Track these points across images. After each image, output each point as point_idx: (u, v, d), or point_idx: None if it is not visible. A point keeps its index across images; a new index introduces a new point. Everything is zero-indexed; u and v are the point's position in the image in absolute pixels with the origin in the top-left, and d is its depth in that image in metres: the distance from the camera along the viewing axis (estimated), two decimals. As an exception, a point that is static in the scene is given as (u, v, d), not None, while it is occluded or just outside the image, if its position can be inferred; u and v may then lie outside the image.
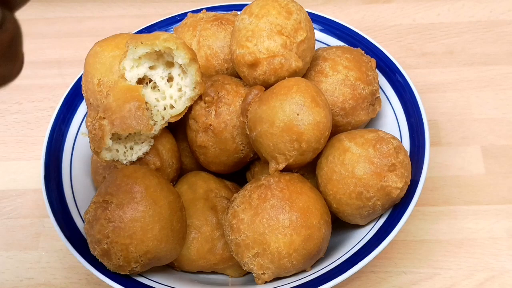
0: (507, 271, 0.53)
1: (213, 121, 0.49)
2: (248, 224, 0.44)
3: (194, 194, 0.50)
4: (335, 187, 0.46)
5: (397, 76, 0.56)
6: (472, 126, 0.64)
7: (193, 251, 0.48)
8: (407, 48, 0.72)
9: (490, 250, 0.54)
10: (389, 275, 0.54)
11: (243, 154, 0.51)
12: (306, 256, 0.44)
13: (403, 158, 0.46)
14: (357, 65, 0.52)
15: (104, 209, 0.43)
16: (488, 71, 0.69)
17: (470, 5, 0.76)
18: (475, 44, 0.72)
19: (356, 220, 0.48)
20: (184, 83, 0.48)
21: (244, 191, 0.47)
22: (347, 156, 0.46)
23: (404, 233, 0.56)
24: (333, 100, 0.51)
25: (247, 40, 0.47)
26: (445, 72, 0.69)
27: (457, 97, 0.67)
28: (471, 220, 0.57)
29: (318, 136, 0.44)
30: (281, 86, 0.46)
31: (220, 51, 0.54)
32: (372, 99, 0.53)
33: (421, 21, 0.76)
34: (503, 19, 0.74)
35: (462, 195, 0.58)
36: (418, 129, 0.52)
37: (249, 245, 0.44)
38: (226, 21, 0.56)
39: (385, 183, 0.45)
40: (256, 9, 0.48)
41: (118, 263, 0.44)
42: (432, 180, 0.59)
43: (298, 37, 0.47)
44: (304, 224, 0.44)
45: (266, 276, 0.45)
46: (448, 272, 0.53)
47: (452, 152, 0.62)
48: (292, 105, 0.44)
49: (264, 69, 0.47)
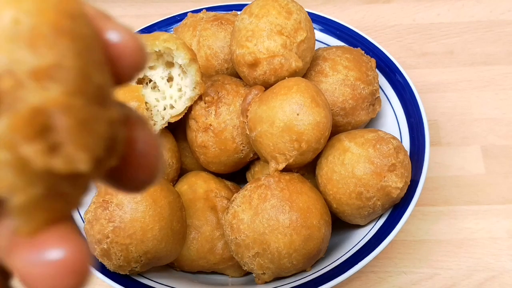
0: (507, 271, 0.53)
1: (213, 121, 0.49)
2: (248, 224, 0.44)
3: (194, 194, 0.50)
4: (335, 187, 0.46)
5: (397, 76, 0.56)
6: (472, 126, 0.64)
7: (193, 251, 0.48)
8: (407, 48, 0.72)
9: (490, 250, 0.54)
10: (389, 275, 0.54)
11: (243, 154, 0.51)
12: (306, 256, 0.44)
13: (403, 158, 0.46)
14: (357, 65, 0.52)
15: (104, 209, 0.43)
16: (488, 71, 0.69)
17: (470, 5, 0.76)
18: (475, 44, 0.72)
19: (356, 220, 0.48)
20: (184, 83, 0.48)
21: (244, 191, 0.47)
22: (347, 156, 0.46)
23: (404, 233, 0.56)
24: (333, 100, 0.51)
25: (247, 40, 0.47)
26: (445, 72, 0.69)
27: (457, 97, 0.67)
28: (471, 220, 0.57)
29: (318, 136, 0.44)
30: (281, 86, 0.46)
31: (220, 51, 0.54)
32: (372, 99, 0.53)
33: (421, 21, 0.76)
34: (503, 19, 0.74)
35: (462, 195, 0.58)
36: (418, 129, 0.52)
37: (249, 245, 0.44)
38: (226, 21, 0.55)
39: (385, 183, 0.45)
40: (256, 9, 0.48)
41: (118, 263, 0.44)
42: (432, 180, 0.59)
43: (298, 37, 0.47)
44: (304, 224, 0.44)
45: (266, 276, 0.45)
46: (448, 272, 0.53)
47: (452, 152, 0.62)
48: (292, 105, 0.44)
49: (264, 69, 0.47)
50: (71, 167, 0.14)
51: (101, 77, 0.15)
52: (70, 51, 0.14)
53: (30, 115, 0.13)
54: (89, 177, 0.15)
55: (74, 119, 0.14)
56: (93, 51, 0.15)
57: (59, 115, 0.13)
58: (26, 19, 0.13)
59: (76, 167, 0.14)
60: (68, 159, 0.14)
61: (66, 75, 0.14)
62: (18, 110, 0.13)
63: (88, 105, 0.14)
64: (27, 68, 0.13)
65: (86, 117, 0.14)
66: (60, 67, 0.13)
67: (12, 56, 0.13)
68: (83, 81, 0.14)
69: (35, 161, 0.13)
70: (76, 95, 0.14)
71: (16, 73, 0.13)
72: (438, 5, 0.77)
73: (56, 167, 0.14)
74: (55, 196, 0.14)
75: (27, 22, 0.13)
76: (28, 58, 0.13)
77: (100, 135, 0.14)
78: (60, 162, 0.14)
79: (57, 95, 0.13)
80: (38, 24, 0.13)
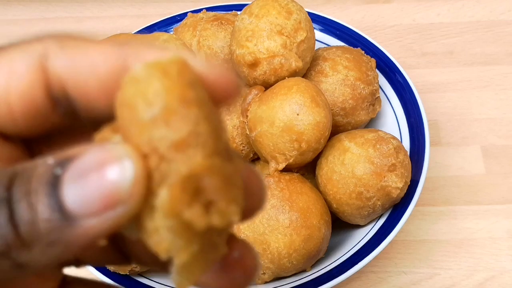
0: (507, 271, 0.53)
1: (213, 121, 0.49)
2: (248, 224, 0.44)
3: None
4: (335, 187, 0.46)
5: (397, 76, 0.56)
6: (472, 126, 0.64)
7: (193, 251, 0.48)
8: (407, 48, 0.72)
9: (490, 250, 0.54)
10: (389, 275, 0.54)
11: (243, 154, 0.51)
12: (306, 256, 0.44)
13: (403, 158, 0.46)
14: (357, 65, 0.52)
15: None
16: (488, 71, 0.69)
17: (470, 5, 0.76)
18: (475, 44, 0.72)
19: (356, 220, 0.48)
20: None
21: (244, 191, 0.47)
22: (347, 156, 0.46)
23: (404, 233, 0.56)
24: (333, 100, 0.51)
25: (247, 40, 0.47)
26: (445, 72, 0.69)
27: (457, 97, 0.67)
28: (471, 220, 0.57)
29: (318, 136, 0.44)
30: (281, 86, 0.46)
31: (220, 51, 0.54)
32: (372, 99, 0.52)
33: (421, 21, 0.76)
34: (503, 19, 0.74)
35: (462, 195, 0.58)
36: (418, 129, 0.52)
37: (249, 245, 0.44)
38: (226, 21, 0.55)
39: (385, 183, 0.45)
40: (256, 9, 0.48)
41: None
42: (432, 180, 0.59)
43: (298, 37, 0.47)
44: (304, 224, 0.44)
45: (266, 276, 0.45)
46: (448, 272, 0.53)
47: (452, 152, 0.62)
48: (292, 105, 0.44)
49: (264, 69, 0.47)
50: (227, 220, 0.15)
51: (225, 132, 0.16)
52: (199, 117, 0.15)
53: (184, 183, 0.14)
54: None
55: (219, 177, 0.15)
56: (212, 110, 0.16)
57: (207, 177, 0.15)
58: (157, 101, 0.15)
59: (231, 219, 0.15)
60: (222, 214, 0.15)
61: (202, 140, 0.15)
62: (173, 181, 0.14)
63: (224, 161, 0.15)
64: (169, 143, 0.15)
65: (227, 173, 0.15)
66: (196, 134, 0.15)
67: (152, 136, 0.15)
68: (216, 141, 0.15)
69: (197, 223, 0.15)
70: (214, 156, 0.15)
71: (159, 150, 0.15)
72: (438, 5, 0.77)
73: (215, 224, 0.15)
74: (208, 248, 0.16)
75: (158, 104, 0.15)
76: (167, 135, 0.15)
77: (239, 186, 0.16)
78: (217, 218, 0.15)
79: (201, 160, 0.15)
80: (169, 103, 0.15)
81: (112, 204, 0.14)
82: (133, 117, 0.15)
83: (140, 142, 0.15)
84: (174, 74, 0.15)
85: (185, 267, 0.15)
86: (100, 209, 0.14)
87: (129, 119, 0.15)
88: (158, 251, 0.15)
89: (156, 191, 0.15)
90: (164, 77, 0.15)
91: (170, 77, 0.15)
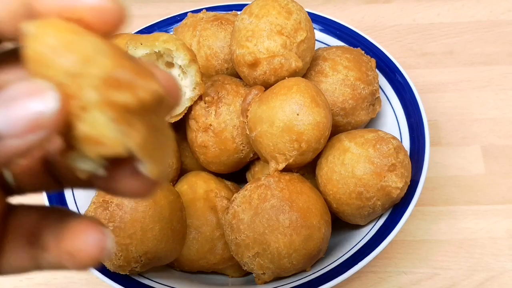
0: (507, 271, 0.53)
1: (213, 121, 0.49)
2: (248, 224, 0.44)
3: (194, 194, 0.50)
4: (335, 187, 0.46)
5: (397, 76, 0.56)
6: (472, 126, 0.64)
7: (193, 251, 0.48)
8: (407, 48, 0.72)
9: (490, 250, 0.54)
10: (389, 275, 0.54)
11: (243, 154, 0.51)
12: (306, 256, 0.44)
13: (403, 158, 0.46)
14: (357, 65, 0.52)
15: (104, 209, 0.43)
16: (488, 71, 0.69)
17: (470, 5, 0.76)
18: (475, 44, 0.72)
19: (356, 220, 0.48)
20: (184, 84, 0.48)
21: (244, 191, 0.47)
22: (347, 156, 0.46)
23: (404, 233, 0.56)
24: (333, 100, 0.51)
25: (247, 40, 0.47)
26: (445, 72, 0.69)
27: (457, 97, 0.67)
28: (471, 220, 0.57)
29: (318, 136, 0.44)
30: (281, 86, 0.46)
31: (220, 51, 0.54)
32: (372, 99, 0.53)
33: (421, 21, 0.76)
34: (503, 19, 0.74)
35: (462, 195, 0.58)
36: (418, 129, 0.52)
37: (249, 245, 0.44)
38: (226, 21, 0.55)
39: (385, 183, 0.45)
40: (256, 9, 0.48)
41: (118, 263, 0.44)
42: (432, 180, 0.59)
43: (298, 37, 0.47)
44: (304, 224, 0.44)
45: (266, 276, 0.45)
46: (448, 272, 0.53)
47: (452, 152, 0.62)
48: (292, 105, 0.44)
49: (264, 69, 0.47)
50: (152, 91, 0.18)
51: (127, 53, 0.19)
52: (97, 41, 0.18)
53: (105, 80, 0.17)
54: (165, 104, 0.19)
55: (131, 69, 0.18)
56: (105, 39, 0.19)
57: (121, 71, 0.18)
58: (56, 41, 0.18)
59: (155, 89, 0.18)
60: (145, 89, 0.18)
61: (106, 53, 0.18)
62: (94, 83, 0.17)
63: (131, 60, 0.19)
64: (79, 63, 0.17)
65: (137, 65, 0.19)
66: (99, 50, 0.18)
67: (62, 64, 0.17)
68: (119, 51, 0.18)
69: (130, 101, 0.17)
70: (121, 59, 0.18)
71: (71, 71, 0.17)
72: (438, 5, 0.77)
73: (143, 97, 0.18)
74: (155, 132, 0.19)
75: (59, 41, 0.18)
76: (73, 58, 0.17)
77: (150, 73, 0.19)
78: (143, 92, 0.18)
79: (110, 62, 0.17)
80: (66, 36, 0.18)
81: (34, 128, 0.17)
82: (42, 61, 0.17)
83: (53, 75, 0.17)
84: (61, 23, 0.18)
85: (146, 151, 0.18)
86: (23, 132, 0.17)
87: (39, 62, 0.17)
88: (112, 149, 0.17)
89: (77, 113, 0.17)
90: (53, 26, 0.18)
91: (58, 25, 0.18)
